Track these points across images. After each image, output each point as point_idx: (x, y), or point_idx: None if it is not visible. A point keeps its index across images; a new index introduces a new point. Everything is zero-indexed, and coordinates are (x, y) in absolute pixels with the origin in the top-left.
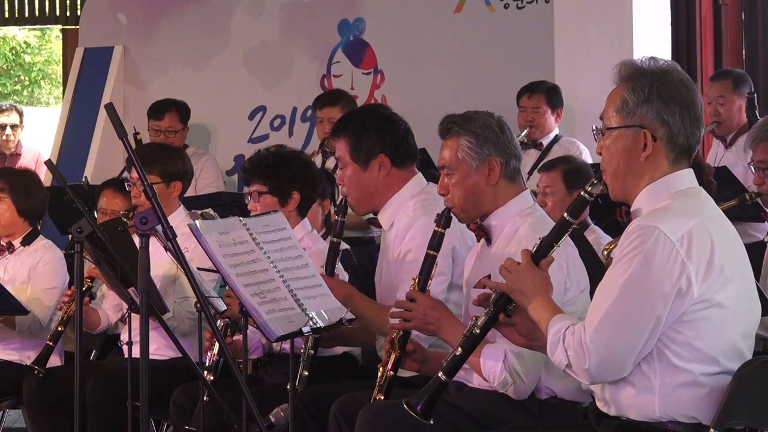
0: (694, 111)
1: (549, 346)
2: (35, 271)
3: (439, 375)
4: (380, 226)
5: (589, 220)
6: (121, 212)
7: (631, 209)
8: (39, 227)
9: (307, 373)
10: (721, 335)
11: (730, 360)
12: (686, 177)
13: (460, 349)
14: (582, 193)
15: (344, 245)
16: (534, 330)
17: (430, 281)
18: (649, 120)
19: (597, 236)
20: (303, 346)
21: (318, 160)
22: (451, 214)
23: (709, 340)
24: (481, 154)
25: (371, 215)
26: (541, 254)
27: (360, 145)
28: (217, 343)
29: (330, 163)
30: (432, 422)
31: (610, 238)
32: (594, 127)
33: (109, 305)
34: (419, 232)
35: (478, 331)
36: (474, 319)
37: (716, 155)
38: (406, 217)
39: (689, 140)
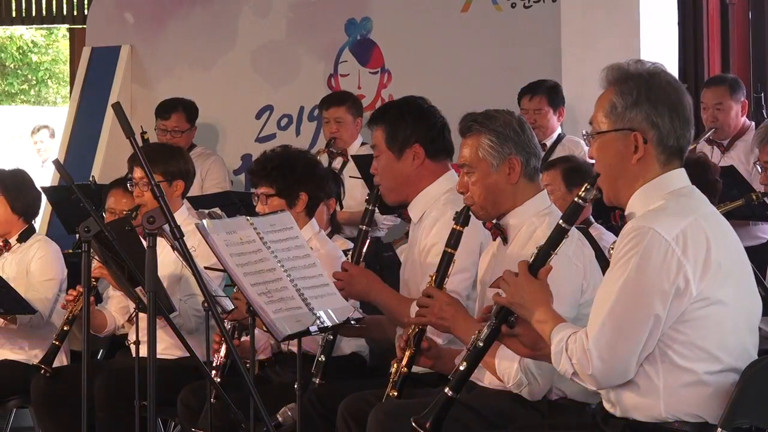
0: (682, 112)
1: (553, 356)
2: (30, 265)
3: (446, 391)
4: (408, 219)
5: (592, 218)
6: (125, 211)
7: (626, 212)
8: (34, 224)
9: (317, 381)
10: (724, 332)
11: (733, 357)
12: (679, 177)
13: (464, 363)
14: (576, 199)
15: (350, 244)
16: (538, 340)
17: (447, 278)
18: (638, 123)
19: (600, 233)
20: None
21: (324, 160)
22: (470, 213)
23: (712, 337)
24: (502, 153)
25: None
26: (538, 264)
27: (396, 133)
28: (225, 345)
29: (337, 163)
30: None
31: (612, 236)
32: (584, 132)
33: (115, 308)
34: (446, 228)
35: (481, 344)
36: (477, 332)
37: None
38: (435, 211)
39: (679, 141)
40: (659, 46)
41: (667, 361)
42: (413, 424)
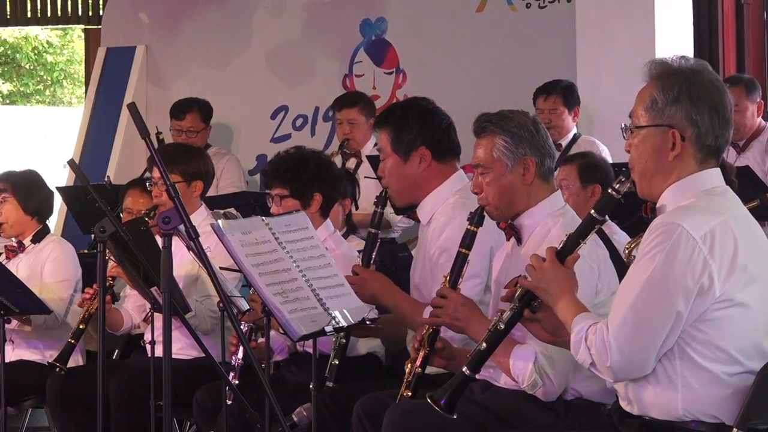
0: (723, 112)
1: (572, 345)
2: (45, 266)
3: (464, 369)
4: (418, 221)
5: (606, 217)
6: (143, 212)
7: (657, 205)
8: (48, 224)
9: (331, 385)
10: (744, 335)
11: (752, 360)
12: (713, 176)
13: (484, 344)
14: (609, 191)
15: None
16: (559, 326)
17: (461, 279)
18: (677, 120)
19: (611, 231)
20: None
21: (338, 162)
22: (484, 213)
23: (731, 339)
24: (517, 154)
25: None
26: (567, 251)
27: (401, 137)
28: (241, 348)
29: (350, 164)
30: (455, 416)
31: (625, 235)
32: (623, 125)
33: (132, 306)
34: (457, 230)
35: (502, 326)
36: (499, 313)
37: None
38: (444, 213)
39: (717, 141)
40: (674, 46)
41: (686, 358)
42: (428, 400)
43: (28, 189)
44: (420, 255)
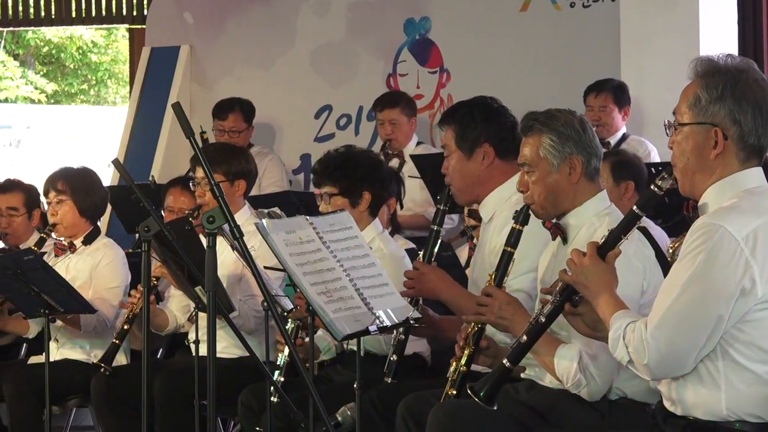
0: (766, 111)
1: (610, 342)
2: (96, 271)
3: (504, 362)
4: (479, 219)
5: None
6: (187, 211)
7: (699, 204)
8: (99, 225)
9: (389, 380)
10: None
11: None
12: (755, 175)
13: (525, 336)
14: (651, 187)
15: (410, 244)
16: (599, 321)
17: (506, 277)
18: (720, 118)
19: (647, 227)
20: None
21: None
22: (530, 212)
23: None
24: (563, 153)
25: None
26: (608, 247)
27: (466, 133)
28: (286, 345)
29: (393, 164)
30: (495, 408)
31: (659, 230)
32: (666, 121)
33: (176, 306)
34: None
35: (543, 319)
36: (541, 307)
37: None
38: (506, 212)
39: (761, 140)
40: (719, 44)
41: (728, 359)
42: (468, 391)
43: (86, 191)
44: (479, 251)
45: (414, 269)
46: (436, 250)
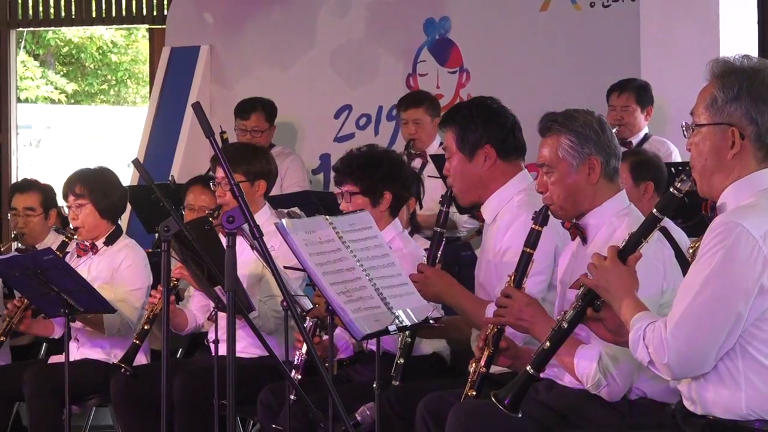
0: None
1: (631, 343)
2: (118, 273)
3: (528, 369)
4: (482, 220)
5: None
6: (207, 211)
7: (717, 204)
8: (120, 224)
9: (397, 383)
10: None
11: None
12: None
13: (548, 343)
14: (671, 189)
15: (428, 243)
16: (621, 326)
17: (525, 278)
18: (737, 118)
19: (666, 227)
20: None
21: None
22: (549, 213)
23: None
24: (582, 153)
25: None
26: (628, 250)
27: (466, 135)
28: (305, 345)
29: (416, 164)
30: (520, 415)
31: (679, 230)
32: (683, 123)
33: (196, 306)
34: (521, 229)
35: (566, 325)
36: (563, 312)
37: None
38: (509, 212)
39: None
40: (739, 44)
41: (748, 357)
42: (492, 399)
43: (104, 192)
44: (484, 254)
45: (418, 272)
46: (440, 252)
